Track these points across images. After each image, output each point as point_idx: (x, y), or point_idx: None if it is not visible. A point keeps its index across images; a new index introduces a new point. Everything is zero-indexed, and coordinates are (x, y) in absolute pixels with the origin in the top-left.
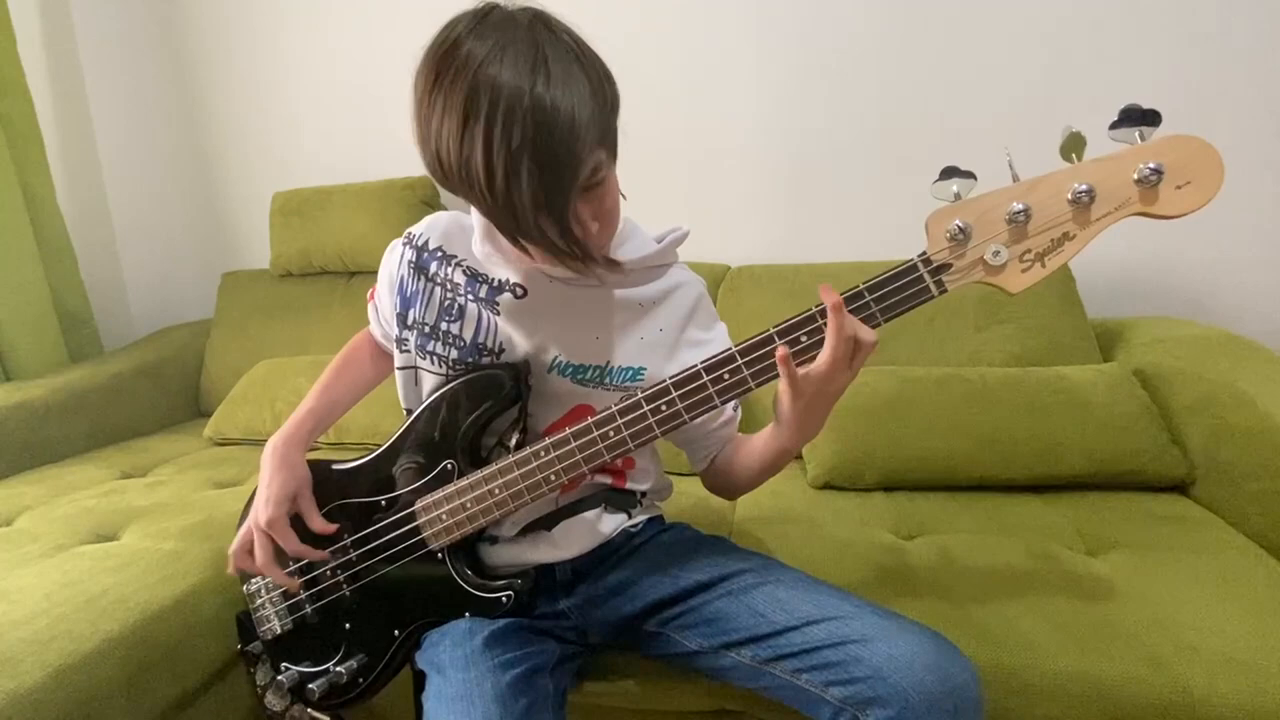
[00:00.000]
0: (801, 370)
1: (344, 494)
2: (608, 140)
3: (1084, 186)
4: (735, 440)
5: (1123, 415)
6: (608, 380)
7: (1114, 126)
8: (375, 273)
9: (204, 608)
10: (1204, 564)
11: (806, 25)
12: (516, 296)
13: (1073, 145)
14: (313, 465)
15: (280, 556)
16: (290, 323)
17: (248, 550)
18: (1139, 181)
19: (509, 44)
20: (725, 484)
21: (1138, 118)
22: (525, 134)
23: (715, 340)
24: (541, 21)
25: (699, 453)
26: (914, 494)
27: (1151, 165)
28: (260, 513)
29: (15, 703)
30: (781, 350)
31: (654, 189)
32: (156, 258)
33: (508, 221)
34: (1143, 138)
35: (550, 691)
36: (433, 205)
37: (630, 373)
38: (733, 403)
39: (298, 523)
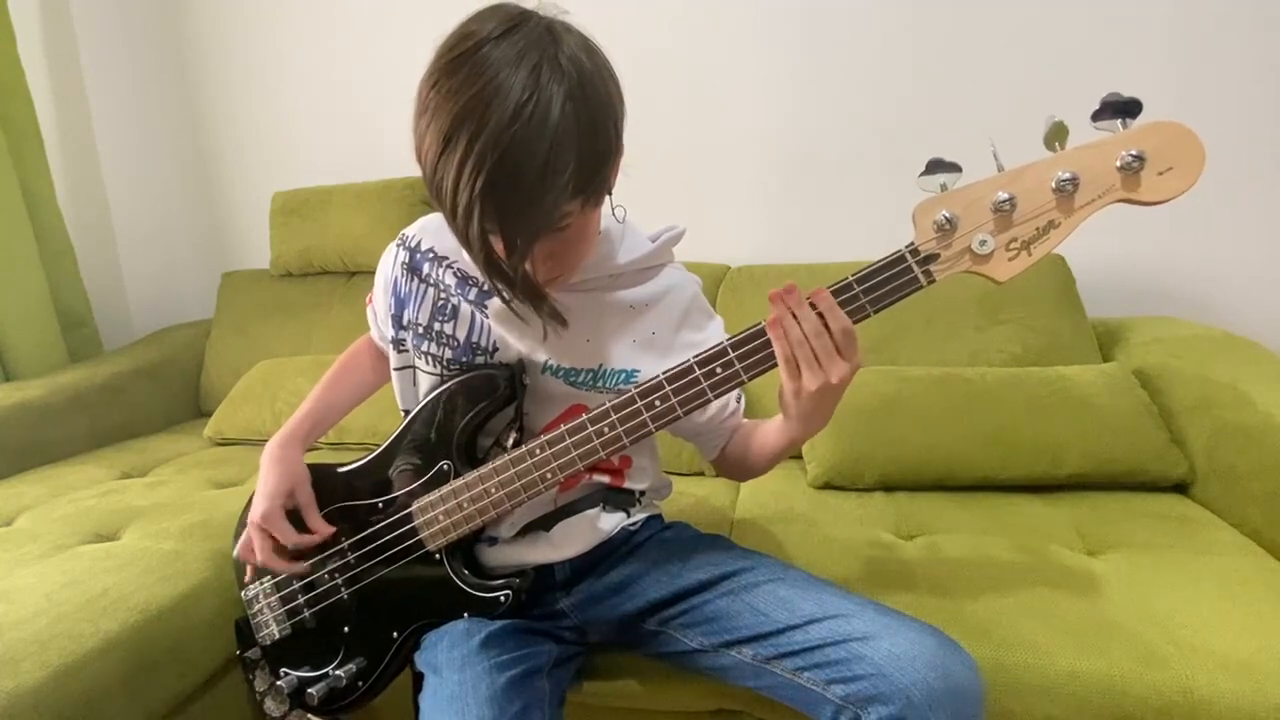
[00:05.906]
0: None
1: (341, 496)
2: (589, 189)
3: (1067, 175)
4: (744, 427)
5: (1123, 415)
6: (601, 383)
7: (1096, 116)
8: (375, 273)
9: (204, 608)
10: (1204, 564)
11: (807, 26)
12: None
13: (1056, 134)
14: (310, 468)
15: (280, 551)
16: (290, 323)
17: (250, 549)
18: (1121, 168)
19: (509, 71)
20: (738, 470)
21: (1119, 107)
22: (493, 178)
23: (710, 340)
24: (555, 45)
25: (708, 443)
26: (914, 494)
27: (1133, 152)
28: (256, 508)
29: (15, 703)
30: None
31: (654, 188)
32: (156, 258)
33: (465, 247)
34: (1124, 126)
35: (547, 693)
36: (431, 205)
37: (624, 375)
38: (736, 393)
39: (296, 523)
